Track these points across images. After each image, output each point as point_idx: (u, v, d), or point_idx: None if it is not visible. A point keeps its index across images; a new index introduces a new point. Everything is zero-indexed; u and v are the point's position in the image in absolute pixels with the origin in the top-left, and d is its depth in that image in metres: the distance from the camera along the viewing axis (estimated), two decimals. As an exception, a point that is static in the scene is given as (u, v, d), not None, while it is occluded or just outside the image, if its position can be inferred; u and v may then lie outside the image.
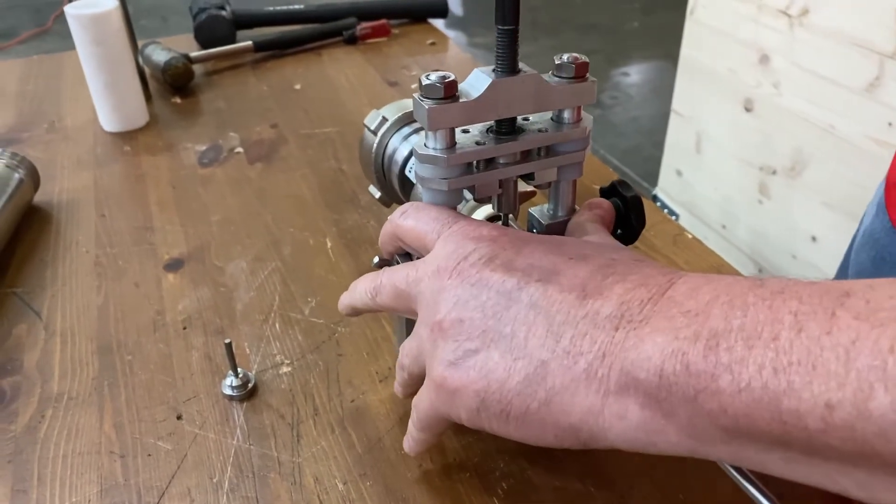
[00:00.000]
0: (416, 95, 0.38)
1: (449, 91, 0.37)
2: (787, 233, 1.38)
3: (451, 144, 0.39)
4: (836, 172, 1.23)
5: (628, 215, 0.47)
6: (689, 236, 0.61)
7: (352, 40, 1.01)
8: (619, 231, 0.47)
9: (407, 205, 0.40)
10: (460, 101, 0.38)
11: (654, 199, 1.74)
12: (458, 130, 0.40)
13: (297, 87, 0.90)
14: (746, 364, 0.25)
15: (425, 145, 0.39)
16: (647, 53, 3.45)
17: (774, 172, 1.37)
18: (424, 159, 0.39)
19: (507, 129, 0.40)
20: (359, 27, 1.01)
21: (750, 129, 1.40)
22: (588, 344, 0.30)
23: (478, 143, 0.40)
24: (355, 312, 0.43)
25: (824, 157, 1.25)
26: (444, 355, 0.33)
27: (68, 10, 0.73)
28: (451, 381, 0.33)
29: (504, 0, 0.37)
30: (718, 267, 0.58)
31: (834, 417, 0.23)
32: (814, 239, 1.32)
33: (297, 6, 1.05)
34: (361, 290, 0.41)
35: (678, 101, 1.61)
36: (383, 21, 1.03)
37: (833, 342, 0.23)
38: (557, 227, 0.44)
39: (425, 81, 0.37)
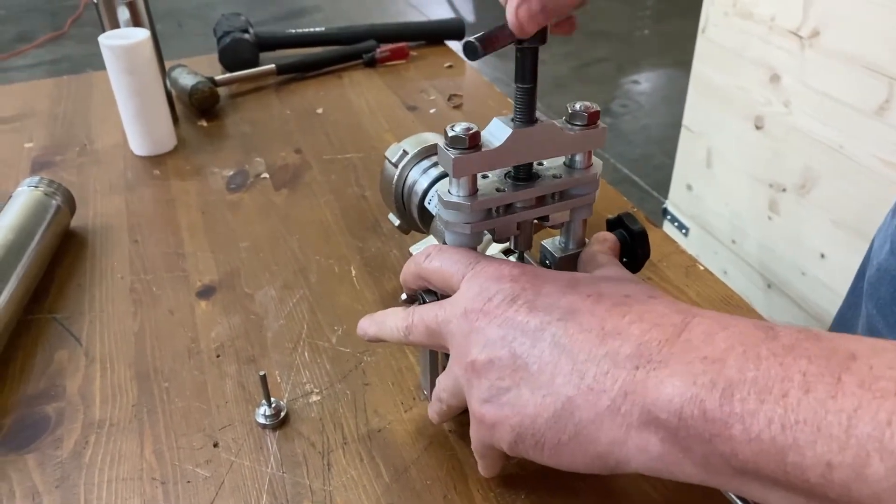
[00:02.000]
0: (440, 144, 0.41)
1: (472, 142, 0.40)
2: (796, 249, 1.39)
3: (474, 191, 0.42)
4: (845, 191, 1.25)
5: (634, 248, 0.49)
6: (701, 268, 0.64)
7: (371, 63, 1.04)
8: (624, 260, 0.49)
9: (430, 247, 0.43)
10: (482, 149, 0.40)
11: (665, 212, 1.75)
12: (478, 175, 0.43)
13: (319, 111, 0.93)
14: (757, 417, 0.27)
15: (449, 192, 0.42)
16: (657, 61, 3.46)
17: (784, 190, 1.39)
18: (449, 206, 0.41)
19: (524, 174, 0.43)
20: (378, 50, 1.04)
21: (760, 146, 1.42)
22: (610, 381, 0.32)
23: (497, 190, 0.42)
24: (378, 341, 0.46)
25: (833, 176, 1.26)
26: (479, 394, 0.36)
27: (102, 40, 0.76)
28: (489, 417, 0.36)
29: (524, 63, 0.40)
30: (728, 298, 0.61)
31: (833, 476, 0.26)
32: (822, 256, 1.33)
33: (318, 29, 1.08)
34: (393, 327, 0.44)
35: (689, 117, 1.63)
36: (402, 44, 1.05)
37: (837, 407, 0.26)
38: (569, 260, 0.47)
39: (451, 133, 0.40)
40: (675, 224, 1.74)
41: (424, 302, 0.44)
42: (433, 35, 1.11)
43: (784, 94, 1.33)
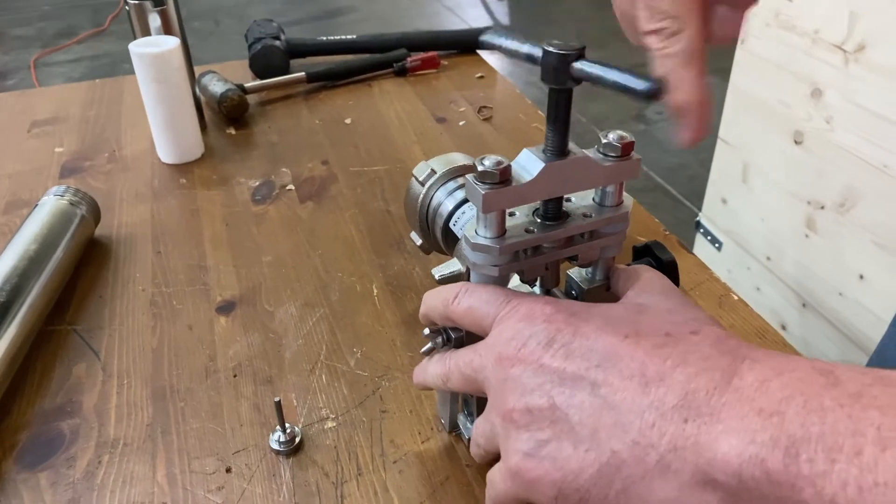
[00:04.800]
0: (469, 177, 0.39)
1: (503, 176, 0.38)
2: (834, 269, 1.35)
3: (502, 232, 0.40)
4: (887, 211, 1.20)
5: None
6: (735, 297, 0.61)
7: (402, 72, 1.02)
8: None
9: (457, 287, 0.41)
10: (513, 184, 0.39)
11: (698, 225, 1.72)
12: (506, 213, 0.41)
13: (348, 121, 0.92)
14: (830, 478, 0.25)
15: (476, 233, 0.40)
16: (695, 68, 3.40)
17: (823, 207, 1.34)
18: (477, 248, 0.40)
19: (553, 213, 0.42)
20: (409, 59, 1.02)
21: (799, 162, 1.38)
22: (657, 435, 0.30)
23: (527, 231, 0.41)
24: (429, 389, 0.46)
25: (876, 196, 1.22)
26: (517, 445, 0.34)
27: (132, 48, 0.76)
28: (528, 472, 0.34)
29: (558, 104, 0.38)
30: (762, 330, 0.58)
31: None
32: (861, 277, 1.29)
33: (349, 36, 1.07)
34: (433, 375, 0.43)
35: (725, 130, 1.59)
36: (433, 53, 1.04)
37: None
38: (596, 291, 0.45)
39: (480, 167, 0.38)
40: (709, 238, 1.70)
41: (450, 338, 0.43)
42: (466, 44, 1.10)
43: (826, 109, 1.29)
